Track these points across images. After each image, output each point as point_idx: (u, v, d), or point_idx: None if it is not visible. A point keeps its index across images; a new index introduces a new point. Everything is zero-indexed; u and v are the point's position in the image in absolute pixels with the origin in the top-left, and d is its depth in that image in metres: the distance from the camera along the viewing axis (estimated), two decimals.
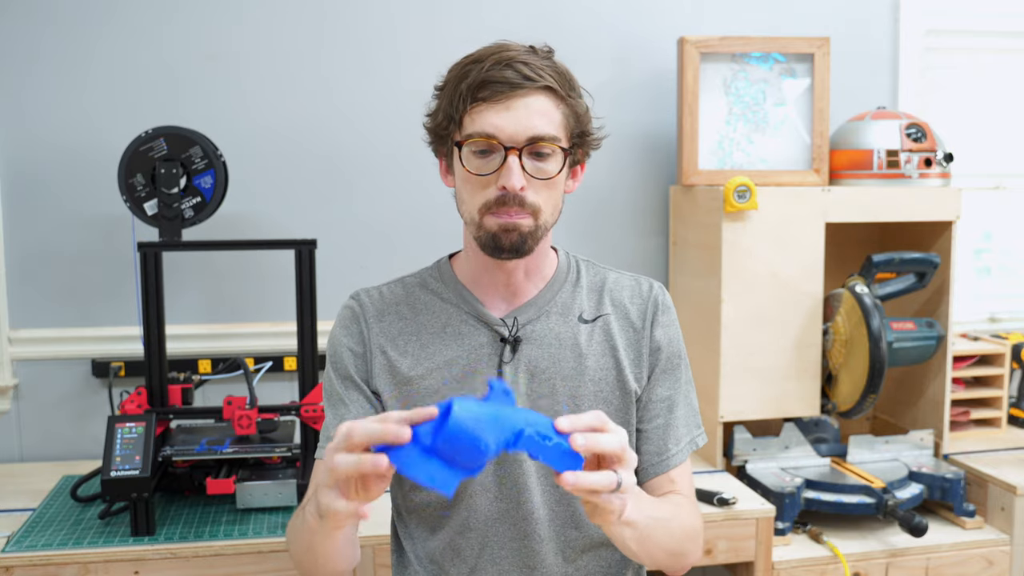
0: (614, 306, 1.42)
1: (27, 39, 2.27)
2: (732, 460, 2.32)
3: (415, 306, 1.40)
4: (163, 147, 1.96)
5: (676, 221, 2.54)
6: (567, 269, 1.43)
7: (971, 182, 2.78)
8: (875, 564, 2.12)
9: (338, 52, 2.42)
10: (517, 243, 1.29)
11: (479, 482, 1.34)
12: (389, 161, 2.45)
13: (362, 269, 2.41)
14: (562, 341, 1.37)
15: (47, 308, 2.34)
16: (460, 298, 1.39)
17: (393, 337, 1.38)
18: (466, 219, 1.33)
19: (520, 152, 1.26)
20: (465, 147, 1.28)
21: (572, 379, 1.36)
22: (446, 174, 1.38)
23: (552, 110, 1.29)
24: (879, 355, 2.21)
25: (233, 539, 1.82)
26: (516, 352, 1.36)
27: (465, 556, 1.37)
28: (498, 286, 1.38)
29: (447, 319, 1.38)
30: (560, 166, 1.30)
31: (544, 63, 1.30)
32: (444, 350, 1.36)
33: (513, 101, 1.26)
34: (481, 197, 1.28)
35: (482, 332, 1.37)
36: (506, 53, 1.28)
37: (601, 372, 1.38)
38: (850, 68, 2.62)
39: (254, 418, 1.91)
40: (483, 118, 1.26)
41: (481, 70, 1.26)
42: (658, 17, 2.56)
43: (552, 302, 1.39)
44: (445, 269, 1.43)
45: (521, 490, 1.35)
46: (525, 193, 1.27)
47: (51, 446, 2.36)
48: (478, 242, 1.31)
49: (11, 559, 1.74)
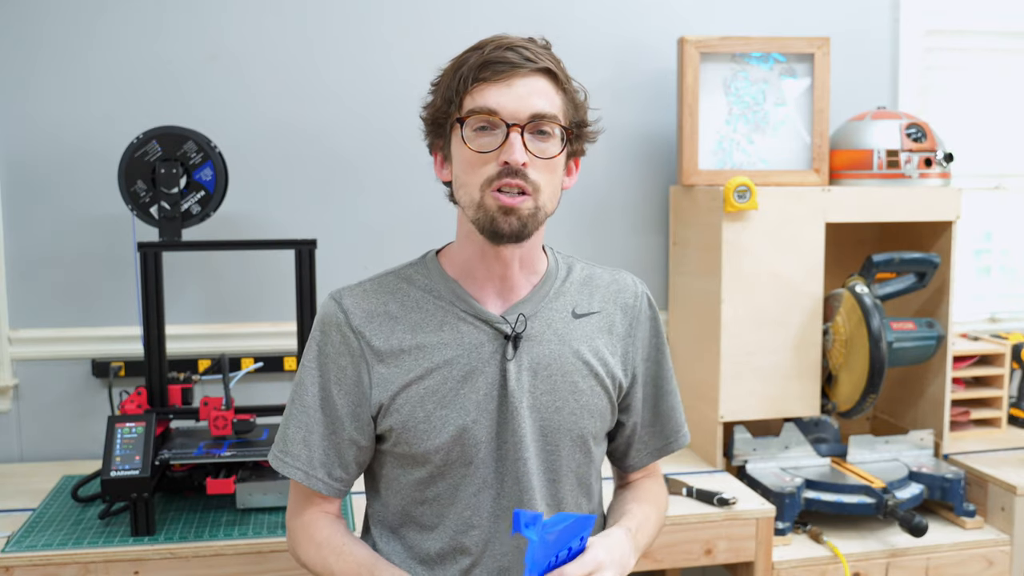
0: (603, 302, 1.44)
1: (27, 39, 2.27)
2: (732, 460, 2.32)
3: (404, 303, 1.37)
4: (157, 149, 1.97)
5: (676, 221, 2.54)
6: (556, 265, 1.44)
7: (971, 182, 2.78)
8: (875, 564, 2.12)
9: (338, 52, 2.42)
10: (517, 228, 1.28)
11: (482, 479, 1.34)
12: (389, 161, 2.45)
13: (362, 269, 2.41)
14: (559, 336, 1.38)
15: (47, 308, 2.34)
16: (454, 295, 1.37)
17: (385, 338, 1.35)
18: (464, 202, 1.32)
19: (522, 130, 1.27)
20: (466, 126, 1.28)
21: (571, 374, 1.37)
22: (441, 167, 1.37)
23: (552, 93, 1.31)
24: (879, 355, 2.21)
25: (233, 539, 1.82)
26: (518, 349, 1.35)
27: (470, 552, 1.36)
28: (493, 278, 1.37)
29: (443, 317, 1.36)
30: (560, 148, 1.31)
31: (543, 50, 1.32)
32: (443, 349, 1.34)
33: (514, 80, 1.28)
34: (482, 173, 1.28)
35: (482, 330, 1.35)
36: (506, 40, 1.31)
37: (595, 367, 1.39)
38: (850, 68, 2.62)
39: (230, 419, 1.91)
40: (484, 96, 1.27)
41: (482, 54, 1.28)
42: (658, 17, 2.56)
43: (547, 298, 1.40)
44: (433, 265, 1.40)
45: (524, 489, 1.34)
46: (527, 170, 1.27)
47: (51, 446, 2.36)
48: (477, 225, 1.30)
49: (11, 559, 1.74)
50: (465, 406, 1.33)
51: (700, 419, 2.37)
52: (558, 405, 1.36)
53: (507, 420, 1.33)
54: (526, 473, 1.34)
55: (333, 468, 1.38)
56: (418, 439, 1.33)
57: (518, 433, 1.33)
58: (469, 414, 1.33)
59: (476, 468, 1.34)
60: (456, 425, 1.32)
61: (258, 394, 2.39)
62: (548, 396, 1.36)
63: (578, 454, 1.39)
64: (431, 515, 1.37)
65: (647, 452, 1.52)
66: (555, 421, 1.36)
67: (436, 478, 1.35)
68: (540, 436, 1.35)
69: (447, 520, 1.36)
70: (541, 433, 1.35)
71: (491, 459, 1.34)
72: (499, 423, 1.34)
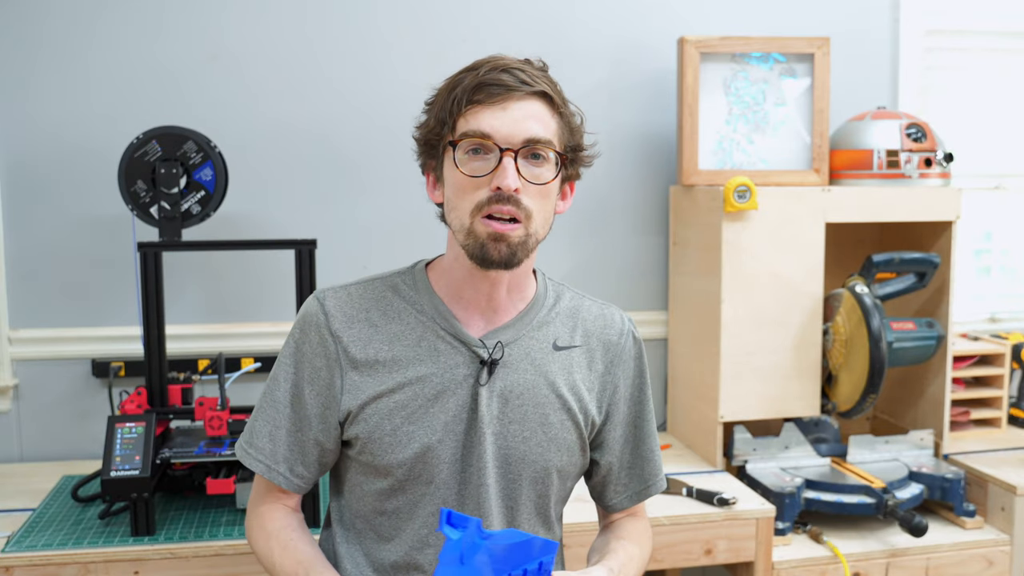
0: (586, 336, 1.41)
1: (27, 39, 2.27)
2: (732, 460, 2.32)
3: (387, 312, 1.36)
4: (157, 149, 1.97)
5: (676, 221, 2.54)
6: (545, 292, 1.42)
7: (971, 182, 2.78)
8: (875, 564, 2.12)
9: (339, 52, 2.42)
10: (506, 256, 1.26)
11: (442, 498, 1.33)
12: (389, 161, 2.45)
13: (362, 269, 2.41)
14: (536, 367, 1.36)
15: (47, 308, 2.34)
16: (437, 312, 1.35)
17: (363, 346, 1.34)
18: (455, 227, 1.30)
19: (516, 155, 1.25)
20: (459, 149, 1.27)
21: (543, 406, 1.35)
22: (434, 189, 1.36)
23: (547, 117, 1.29)
24: (879, 355, 2.21)
25: (233, 539, 1.82)
26: (492, 375, 1.33)
27: (423, 570, 1.34)
28: (480, 301, 1.35)
29: (422, 332, 1.34)
30: (555, 173, 1.29)
31: (539, 73, 1.30)
32: (418, 365, 1.33)
33: (509, 103, 1.26)
34: (473, 198, 1.26)
35: (459, 351, 1.34)
36: (501, 61, 1.28)
37: (569, 401, 1.37)
38: (850, 68, 2.62)
39: (225, 419, 1.91)
40: (478, 119, 1.26)
41: (477, 75, 1.26)
42: (658, 17, 2.56)
43: (530, 326, 1.38)
44: (421, 278, 1.38)
45: (483, 515, 1.33)
46: (519, 196, 1.25)
47: (51, 446, 2.36)
48: (466, 251, 1.28)
49: (11, 559, 1.74)
50: (432, 425, 1.32)
51: (700, 419, 2.37)
52: (525, 435, 1.34)
53: (473, 444, 1.32)
54: (486, 499, 1.33)
55: (295, 465, 1.37)
56: (382, 451, 1.32)
57: (483, 459, 1.32)
58: (435, 433, 1.32)
59: (437, 488, 1.33)
60: (421, 443, 1.31)
61: (258, 394, 2.38)
62: (516, 425, 1.34)
63: (539, 486, 1.37)
64: (389, 527, 1.36)
65: (626, 495, 1.48)
66: (520, 451, 1.34)
67: (397, 491, 1.34)
68: (503, 464, 1.34)
69: (404, 534, 1.35)
70: (504, 461, 1.34)
71: (453, 481, 1.33)
72: (464, 446, 1.33)
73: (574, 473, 1.43)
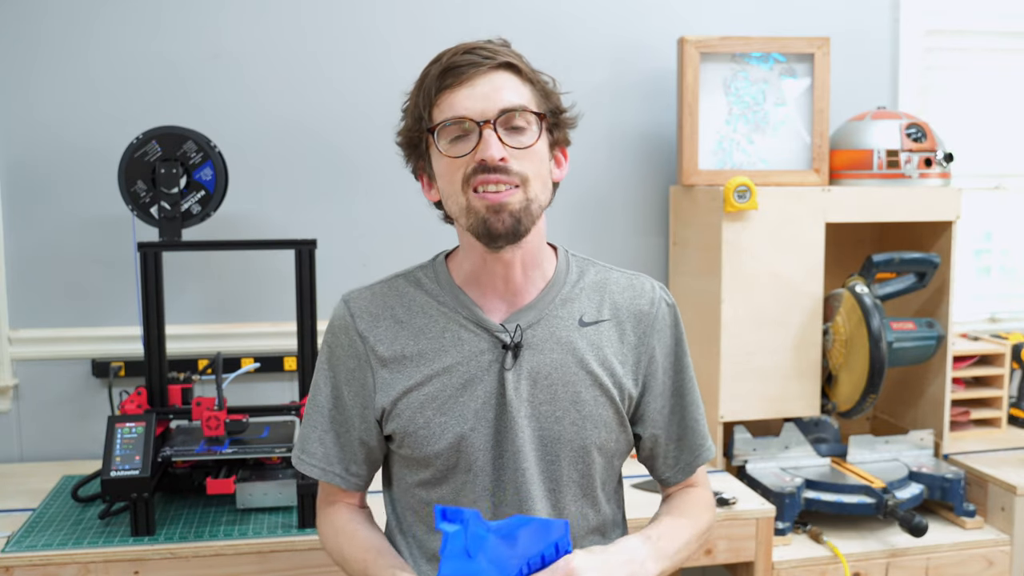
0: (615, 308, 1.40)
1: (27, 38, 2.27)
2: (732, 460, 2.32)
3: (411, 308, 1.38)
4: (157, 149, 1.97)
5: (676, 221, 2.54)
6: (567, 268, 1.41)
7: (971, 182, 2.78)
8: (875, 564, 2.12)
9: (339, 52, 2.42)
10: (511, 225, 1.27)
11: (482, 486, 1.34)
12: (389, 161, 2.42)
13: (363, 268, 2.41)
14: (563, 346, 1.36)
15: (47, 308, 2.34)
16: (457, 302, 1.36)
17: (389, 343, 1.36)
18: (455, 212, 1.31)
19: (495, 125, 1.26)
20: (440, 137, 1.28)
21: (573, 384, 1.35)
22: (429, 188, 1.37)
23: (518, 85, 1.30)
24: (879, 355, 2.21)
25: (233, 539, 1.82)
26: (518, 358, 1.34)
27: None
28: (496, 284, 1.36)
29: (445, 324, 1.36)
30: (537, 135, 1.30)
31: (501, 47, 1.32)
32: (444, 356, 1.34)
33: (476, 79, 1.27)
34: (461, 175, 1.27)
35: (482, 338, 1.34)
36: (463, 45, 1.31)
37: (601, 376, 1.36)
38: (850, 68, 2.62)
39: (222, 419, 1.91)
40: (451, 103, 1.27)
41: (441, 63, 1.29)
42: (658, 17, 2.56)
43: (552, 304, 1.37)
44: (441, 269, 1.40)
45: (524, 498, 1.33)
46: (508, 163, 1.26)
47: (51, 446, 2.36)
48: (472, 231, 1.29)
49: (11, 559, 1.74)
50: (463, 414, 1.33)
51: None
52: (558, 415, 1.34)
53: (505, 429, 1.33)
54: (525, 482, 1.33)
55: (349, 464, 1.40)
56: (419, 444, 1.34)
57: (516, 443, 1.33)
58: (467, 422, 1.33)
59: (475, 475, 1.33)
60: (454, 432, 1.32)
61: (258, 394, 2.39)
62: (548, 406, 1.34)
63: (580, 465, 1.36)
64: (429, 516, 1.37)
65: (678, 467, 1.47)
66: (555, 431, 1.34)
67: (439, 481, 1.36)
68: (540, 446, 1.34)
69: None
70: (540, 443, 1.34)
71: (490, 467, 1.33)
72: (497, 432, 1.33)
73: (619, 450, 1.41)
